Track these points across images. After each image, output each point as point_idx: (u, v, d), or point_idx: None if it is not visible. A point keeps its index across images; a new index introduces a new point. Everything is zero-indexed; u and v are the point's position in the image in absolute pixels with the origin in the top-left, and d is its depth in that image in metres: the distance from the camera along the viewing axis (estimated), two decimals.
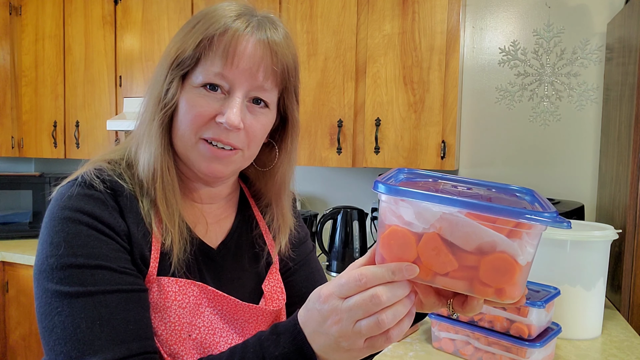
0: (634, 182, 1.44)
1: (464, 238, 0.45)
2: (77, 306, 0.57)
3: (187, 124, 0.65)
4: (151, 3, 2.32)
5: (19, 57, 2.67)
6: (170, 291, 0.65)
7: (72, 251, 0.59)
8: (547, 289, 1.12)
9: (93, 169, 0.67)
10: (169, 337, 0.64)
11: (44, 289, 0.59)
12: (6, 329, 2.35)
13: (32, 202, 2.61)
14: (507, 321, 1.03)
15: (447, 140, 1.83)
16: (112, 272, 0.60)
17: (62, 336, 0.56)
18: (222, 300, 0.69)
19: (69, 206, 0.61)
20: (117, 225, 0.63)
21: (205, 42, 0.64)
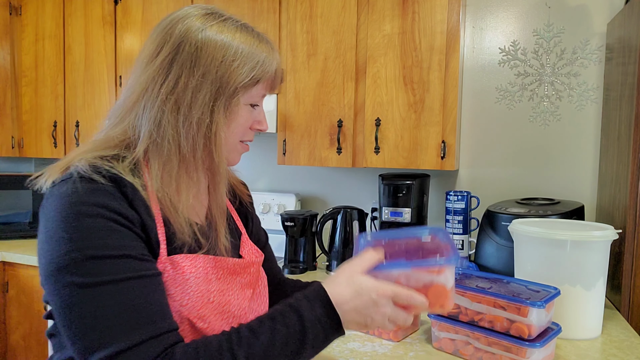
0: (634, 182, 1.44)
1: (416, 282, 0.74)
2: (105, 294, 0.61)
3: (238, 133, 0.81)
4: (151, 3, 2.32)
5: (19, 57, 2.67)
6: (185, 266, 0.73)
7: (92, 244, 0.63)
8: (547, 289, 1.12)
9: (87, 165, 0.70)
10: (195, 304, 0.72)
11: (67, 283, 0.62)
12: (6, 329, 2.35)
13: (32, 202, 2.61)
14: (507, 321, 1.03)
15: (447, 140, 1.83)
16: (133, 260, 0.65)
17: (93, 324, 0.60)
18: (221, 262, 0.80)
19: (81, 201, 0.65)
20: (131, 215, 0.68)
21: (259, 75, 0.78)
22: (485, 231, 1.73)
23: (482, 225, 1.76)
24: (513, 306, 1.01)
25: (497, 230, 1.68)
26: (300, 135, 2.05)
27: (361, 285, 0.69)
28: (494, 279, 1.19)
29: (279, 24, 2.07)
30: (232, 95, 0.76)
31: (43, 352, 2.26)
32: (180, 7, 2.24)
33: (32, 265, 2.24)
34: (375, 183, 2.30)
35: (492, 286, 1.11)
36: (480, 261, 1.73)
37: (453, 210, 1.94)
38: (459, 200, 1.94)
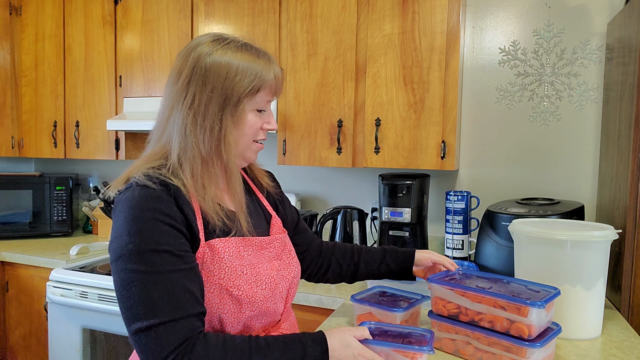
0: (634, 182, 1.44)
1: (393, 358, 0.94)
2: (149, 281, 0.79)
3: (250, 135, 0.97)
4: (151, 3, 2.32)
5: (19, 57, 2.67)
6: (219, 248, 0.91)
7: (146, 240, 0.81)
8: (547, 289, 1.12)
9: (142, 175, 0.88)
10: (230, 277, 0.90)
11: (124, 268, 0.80)
12: (6, 328, 2.35)
13: (32, 202, 2.61)
14: (507, 321, 1.02)
15: (447, 140, 1.83)
16: (173, 256, 0.82)
17: (138, 302, 0.79)
18: (251, 242, 0.98)
19: (138, 205, 0.83)
20: (176, 215, 0.86)
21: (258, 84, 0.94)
22: (485, 231, 1.73)
23: (482, 225, 1.76)
24: (513, 306, 1.00)
25: (497, 230, 1.68)
26: (300, 135, 2.05)
27: (349, 343, 0.89)
28: (494, 278, 1.19)
29: (279, 24, 2.07)
30: (237, 104, 0.92)
31: (43, 352, 2.26)
32: (180, 7, 2.25)
33: (32, 265, 2.24)
34: (375, 183, 2.30)
35: (492, 286, 1.11)
36: (480, 261, 1.73)
37: (453, 210, 1.94)
38: (459, 200, 1.94)
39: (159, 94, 2.33)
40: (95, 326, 1.94)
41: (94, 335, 1.97)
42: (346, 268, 1.27)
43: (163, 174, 0.89)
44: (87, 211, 2.77)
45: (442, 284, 1.12)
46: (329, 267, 1.27)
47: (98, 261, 2.17)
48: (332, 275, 1.28)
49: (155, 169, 0.91)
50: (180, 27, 2.26)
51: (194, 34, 2.24)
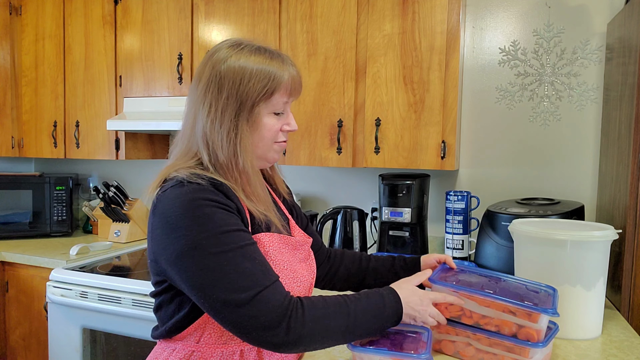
0: (634, 182, 1.44)
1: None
2: (237, 256, 0.85)
3: (269, 138, 1.00)
4: (151, 3, 2.32)
5: (19, 57, 2.67)
6: (265, 242, 0.96)
7: (217, 224, 0.85)
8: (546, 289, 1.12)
9: (189, 173, 0.91)
10: (277, 272, 0.94)
11: (206, 254, 0.83)
12: (6, 328, 2.35)
13: (32, 202, 2.61)
14: (516, 326, 1.01)
15: (447, 140, 1.83)
16: (244, 232, 0.89)
17: (235, 279, 0.83)
18: (288, 240, 1.03)
19: (195, 198, 0.86)
20: (230, 204, 0.91)
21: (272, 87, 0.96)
22: (485, 231, 1.73)
23: (482, 225, 1.76)
24: (524, 312, 0.99)
25: (497, 230, 1.68)
26: (300, 135, 2.05)
27: (414, 291, 1.01)
28: (489, 276, 1.18)
29: (279, 23, 2.07)
30: (252, 109, 0.95)
31: (43, 352, 2.26)
32: (180, 7, 2.25)
33: (32, 265, 2.24)
34: (375, 183, 2.30)
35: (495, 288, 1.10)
36: (480, 261, 1.73)
37: (453, 210, 1.94)
38: (459, 200, 1.94)
39: (159, 94, 2.34)
40: (95, 326, 1.94)
41: (94, 335, 1.97)
42: (355, 274, 1.28)
43: (207, 173, 0.93)
44: (87, 211, 2.77)
45: (446, 285, 1.09)
46: (336, 273, 1.28)
47: (98, 261, 2.17)
48: (339, 281, 1.29)
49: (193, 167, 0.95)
50: (180, 27, 2.26)
51: (194, 34, 2.24)
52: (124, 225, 2.55)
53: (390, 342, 1.02)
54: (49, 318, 2.03)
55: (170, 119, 2.17)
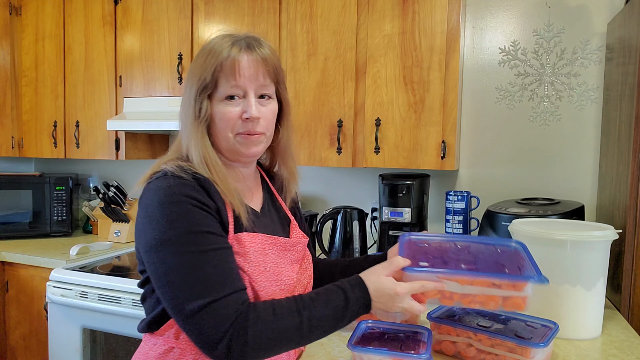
0: (634, 182, 1.44)
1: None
2: (199, 260, 0.82)
3: (224, 127, 0.94)
4: (151, 3, 2.32)
5: (19, 57, 2.67)
6: (246, 241, 0.92)
7: (188, 223, 0.83)
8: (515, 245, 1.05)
9: (174, 166, 0.90)
10: (254, 272, 0.91)
11: (170, 252, 0.82)
12: (6, 328, 2.35)
13: (32, 202, 2.61)
14: (502, 298, 0.91)
15: (447, 140, 1.83)
16: (215, 236, 0.86)
17: (191, 282, 0.81)
18: (276, 241, 0.98)
19: (174, 193, 0.85)
20: (209, 203, 0.88)
21: (217, 68, 0.91)
22: (485, 231, 1.73)
23: (482, 225, 1.76)
24: (508, 283, 0.91)
25: (497, 230, 1.68)
26: (300, 135, 2.05)
27: (383, 284, 0.89)
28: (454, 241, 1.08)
29: (279, 23, 2.07)
30: (203, 97, 0.92)
31: (43, 352, 2.26)
32: (180, 7, 2.25)
33: (32, 265, 2.24)
34: (375, 183, 2.30)
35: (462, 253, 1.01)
36: None
37: (453, 210, 1.94)
38: (459, 200, 1.94)
39: (159, 94, 2.33)
40: (95, 326, 1.94)
41: (94, 335, 1.97)
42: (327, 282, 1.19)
43: (192, 167, 0.92)
44: (87, 211, 2.77)
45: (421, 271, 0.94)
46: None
47: (98, 261, 2.17)
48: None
49: (181, 161, 0.93)
50: (180, 27, 2.26)
51: (194, 34, 2.24)
52: (124, 225, 2.55)
53: (390, 342, 1.02)
54: (49, 318, 2.03)
55: (170, 119, 2.17)
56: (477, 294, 0.93)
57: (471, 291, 0.94)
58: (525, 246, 1.02)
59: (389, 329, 1.10)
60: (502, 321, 1.15)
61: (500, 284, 0.91)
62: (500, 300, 0.92)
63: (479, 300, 0.93)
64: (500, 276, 0.92)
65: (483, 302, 0.93)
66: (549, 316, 1.22)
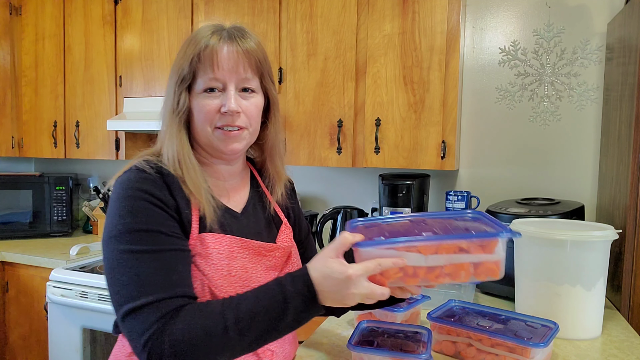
0: (634, 182, 1.44)
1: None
2: (140, 260, 0.77)
3: (202, 120, 0.89)
4: (151, 3, 2.32)
5: (19, 57, 2.67)
6: (209, 243, 0.86)
7: (135, 220, 0.79)
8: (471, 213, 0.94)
9: (142, 160, 0.87)
10: (214, 276, 0.85)
11: (114, 249, 0.79)
12: (6, 328, 2.35)
13: (32, 202, 2.61)
14: (472, 265, 0.79)
15: (447, 140, 1.83)
16: (165, 236, 0.81)
17: (128, 282, 0.76)
18: (249, 244, 0.91)
19: (132, 187, 0.82)
20: (167, 200, 0.84)
21: (195, 59, 0.87)
22: None
23: None
24: (476, 245, 0.78)
25: None
26: (300, 135, 2.05)
27: (331, 271, 0.76)
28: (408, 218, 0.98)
29: (279, 23, 2.07)
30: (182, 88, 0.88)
31: (43, 352, 2.26)
32: (180, 7, 2.25)
33: (32, 265, 2.24)
34: (375, 183, 2.30)
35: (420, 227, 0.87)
36: None
37: (453, 210, 1.94)
38: (459, 200, 1.94)
39: (159, 93, 2.33)
40: (95, 326, 1.93)
41: (94, 335, 1.97)
42: None
43: (161, 162, 0.88)
44: (87, 211, 2.77)
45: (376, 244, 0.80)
46: None
47: (98, 261, 2.17)
48: None
49: (155, 156, 0.90)
50: (180, 26, 2.26)
51: None
52: None
53: (390, 342, 1.02)
54: (49, 318, 2.03)
55: None
56: (444, 264, 0.78)
57: (437, 262, 0.78)
58: (484, 214, 0.90)
59: (389, 329, 1.10)
60: (502, 321, 1.15)
61: (468, 248, 0.78)
62: (471, 268, 0.79)
63: (447, 272, 0.79)
64: (467, 237, 0.79)
65: (452, 273, 0.79)
66: (549, 316, 1.22)
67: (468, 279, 0.79)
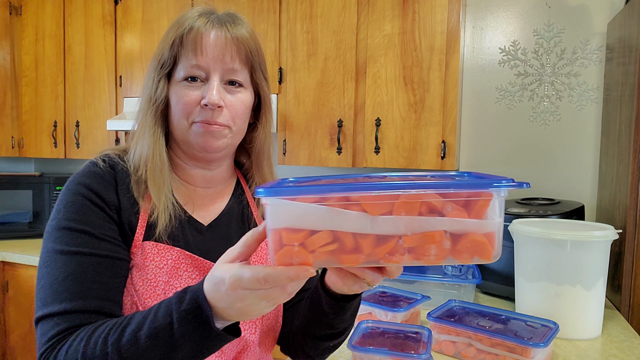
0: (634, 182, 1.44)
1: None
2: (60, 262, 0.69)
3: (179, 113, 0.77)
4: (151, 3, 2.32)
5: (19, 57, 2.67)
6: (149, 253, 0.75)
7: (67, 216, 0.71)
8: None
9: (101, 154, 0.79)
10: (145, 292, 0.73)
11: (44, 246, 0.72)
12: (6, 328, 2.35)
13: (32, 202, 2.61)
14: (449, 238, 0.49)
15: (447, 140, 1.83)
16: (92, 238, 0.71)
17: (44, 285, 0.68)
18: (201, 264, 0.78)
19: (75, 180, 0.75)
20: (109, 198, 0.74)
21: (177, 42, 0.76)
22: None
23: None
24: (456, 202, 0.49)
25: None
26: (300, 135, 2.05)
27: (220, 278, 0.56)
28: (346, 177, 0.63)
29: (279, 23, 2.07)
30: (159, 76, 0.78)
31: None
32: (180, 7, 2.25)
33: (32, 265, 2.24)
34: None
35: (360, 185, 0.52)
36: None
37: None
38: None
39: None
40: None
41: None
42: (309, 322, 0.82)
43: (120, 156, 0.79)
44: None
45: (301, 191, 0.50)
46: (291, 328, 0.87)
47: None
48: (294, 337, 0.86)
49: (119, 150, 0.82)
50: None
51: None
52: None
53: (390, 342, 1.02)
54: None
55: None
56: (403, 232, 0.49)
57: (391, 228, 0.49)
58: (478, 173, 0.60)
59: (389, 329, 1.10)
60: (502, 321, 1.15)
61: (442, 206, 0.49)
62: (447, 241, 0.50)
63: (407, 247, 0.50)
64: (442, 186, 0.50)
65: (416, 248, 0.50)
66: (549, 316, 1.22)
67: (441, 259, 0.50)
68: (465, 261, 0.50)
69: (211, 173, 0.85)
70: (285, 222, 0.50)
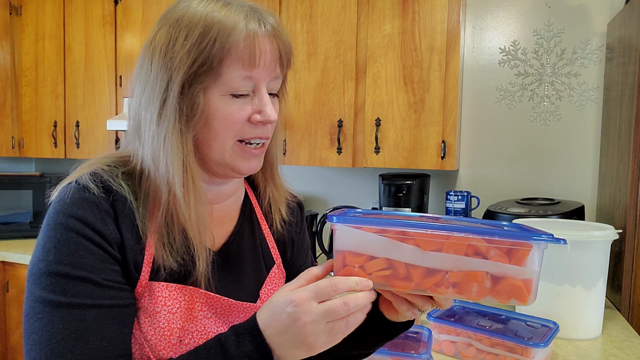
0: (634, 182, 1.44)
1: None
2: (56, 316, 0.57)
3: (224, 131, 0.64)
4: (151, 3, 2.32)
5: (19, 57, 2.67)
6: (160, 296, 0.64)
7: (59, 258, 0.59)
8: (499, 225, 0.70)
9: (88, 173, 0.65)
10: (158, 342, 0.64)
11: (31, 292, 0.59)
12: (6, 328, 2.35)
13: (32, 202, 2.61)
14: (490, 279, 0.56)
15: (447, 140, 1.83)
16: (94, 286, 0.59)
17: (38, 342, 0.57)
18: (216, 301, 0.68)
19: (63, 211, 0.61)
20: (109, 233, 0.62)
21: (227, 48, 0.62)
22: None
23: None
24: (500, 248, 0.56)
25: None
26: (300, 135, 2.05)
27: (274, 302, 0.56)
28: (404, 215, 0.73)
29: None
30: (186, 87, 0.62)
31: None
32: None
33: None
34: (375, 183, 2.30)
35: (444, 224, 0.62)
36: None
37: (453, 210, 1.94)
38: (459, 200, 1.94)
39: None
40: None
41: None
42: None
43: (115, 175, 0.66)
44: None
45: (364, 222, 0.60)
46: None
47: None
48: None
49: (113, 166, 0.67)
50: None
51: None
52: None
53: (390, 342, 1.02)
54: None
55: None
56: (449, 268, 0.57)
57: (439, 263, 0.57)
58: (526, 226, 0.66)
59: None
60: (502, 321, 1.16)
61: (487, 251, 0.56)
62: (488, 281, 0.56)
63: (452, 282, 0.57)
64: (488, 233, 0.56)
65: (460, 284, 0.57)
66: (549, 316, 1.22)
67: (481, 296, 0.56)
68: (503, 301, 0.57)
69: (225, 188, 0.74)
70: (349, 246, 0.59)
